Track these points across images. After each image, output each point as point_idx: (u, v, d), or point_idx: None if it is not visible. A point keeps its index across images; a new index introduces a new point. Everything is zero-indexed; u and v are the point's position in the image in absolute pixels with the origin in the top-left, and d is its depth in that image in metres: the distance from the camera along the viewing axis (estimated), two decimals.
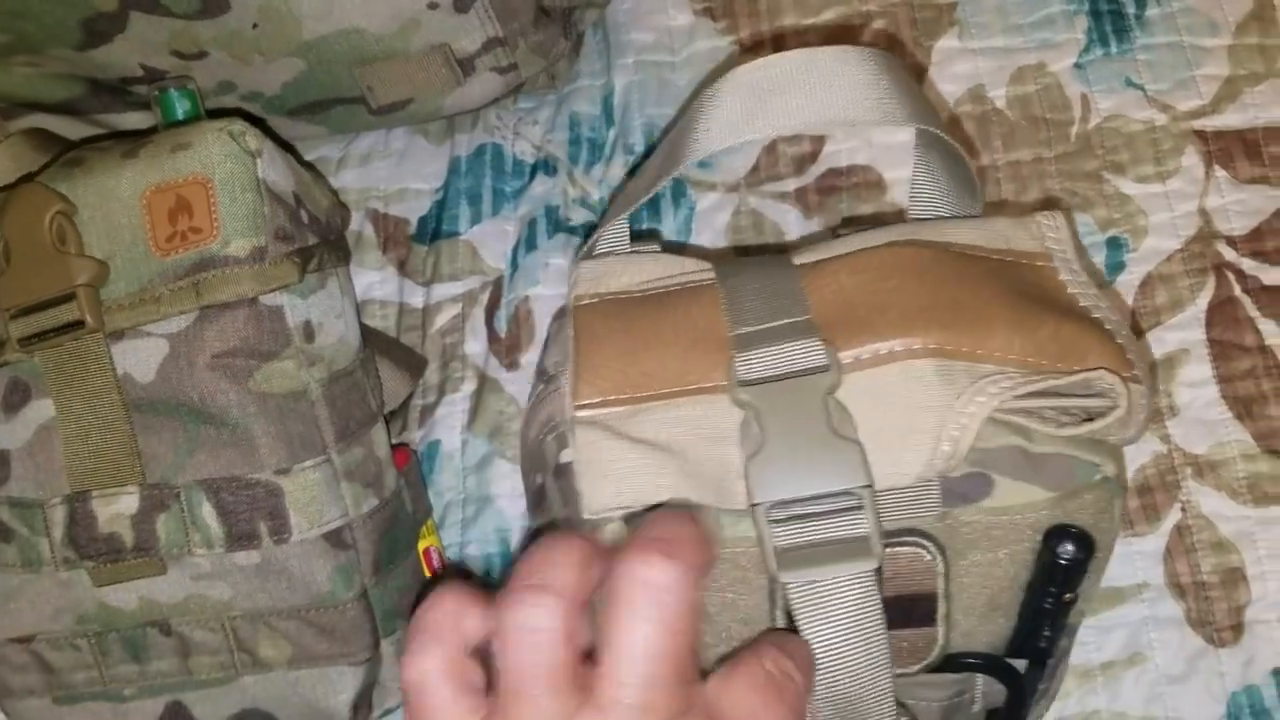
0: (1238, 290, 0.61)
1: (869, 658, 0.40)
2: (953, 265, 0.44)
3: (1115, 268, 0.62)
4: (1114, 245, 0.63)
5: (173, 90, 0.58)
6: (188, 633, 0.52)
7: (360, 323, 0.56)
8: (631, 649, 0.34)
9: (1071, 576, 0.42)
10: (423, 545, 0.57)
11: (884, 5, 0.68)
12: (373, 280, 0.67)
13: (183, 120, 0.58)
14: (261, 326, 0.50)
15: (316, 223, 0.53)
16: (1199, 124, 0.64)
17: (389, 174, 0.69)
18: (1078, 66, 0.66)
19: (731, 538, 0.41)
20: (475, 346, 0.65)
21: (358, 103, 0.63)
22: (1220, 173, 0.63)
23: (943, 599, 0.42)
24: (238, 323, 0.50)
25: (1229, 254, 0.62)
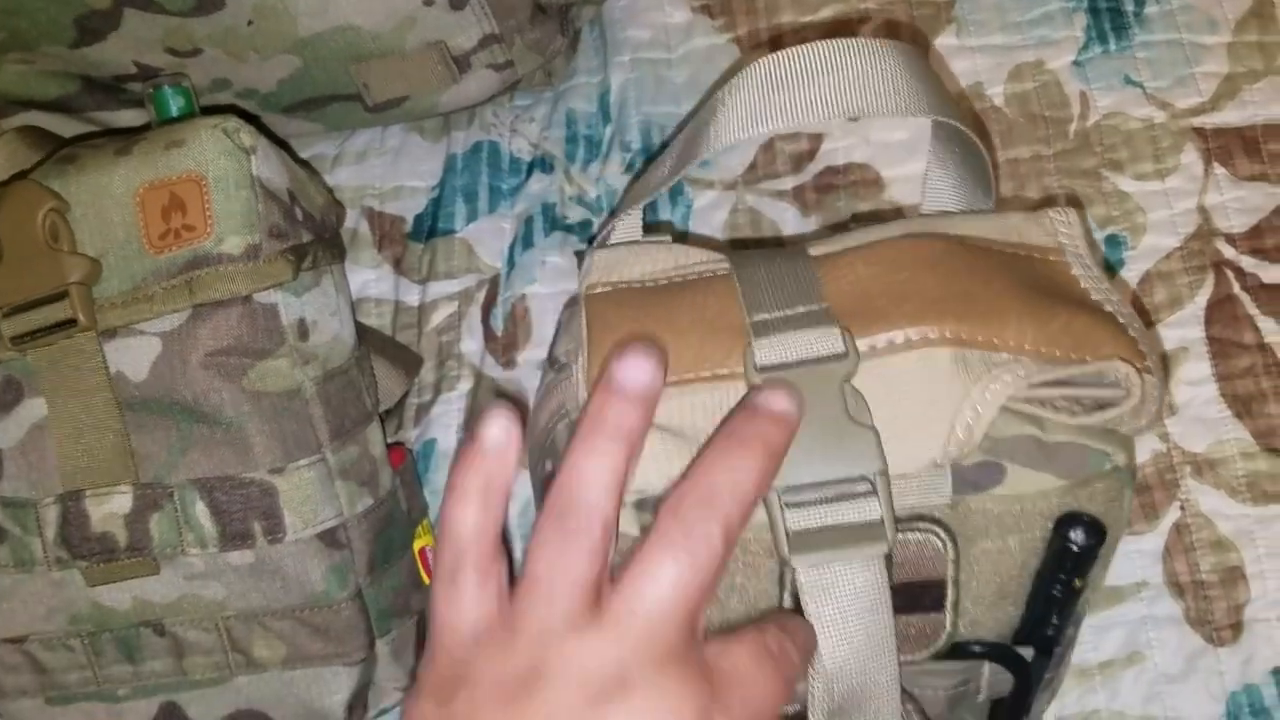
0: (1237, 288, 0.61)
1: (876, 643, 0.40)
2: (966, 257, 0.44)
3: (1114, 265, 0.62)
4: (1113, 243, 0.62)
5: (167, 87, 0.58)
6: (181, 633, 0.52)
7: (355, 321, 0.56)
8: (658, 577, 0.35)
9: (1082, 563, 0.42)
10: (418, 545, 0.57)
11: (882, 2, 0.68)
12: (368, 278, 0.66)
13: (177, 117, 0.58)
14: (255, 324, 0.50)
15: (311, 220, 0.53)
16: (1198, 121, 0.64)
17: (384, 171, 0.68)
18: (1076, 64, 0.66)
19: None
20: (471, 345, 0.64)
21: (353, 100, 0.63)
22: (1219, 170, 0.63)
23: (952, 586, 0.42)
24: (231, 321, 0.50)
25: (1228, 251, 0.61)
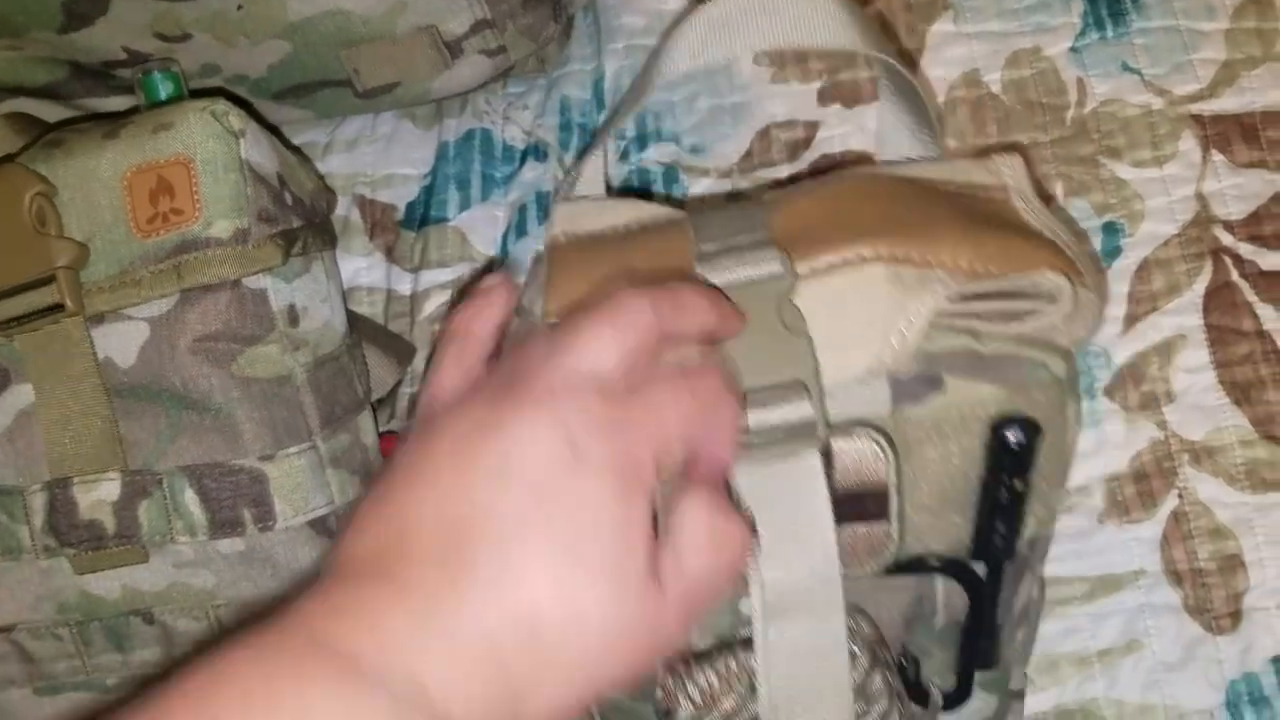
0: (1235, 275, 0.60)
1: (816, 542, 0.40)
2: (907, 190, 0.46)
3: (1112, 253, 0.62)
4: (1110, 230, 0.62)
5: (156, 72, 0.57)
6: (171, 622, 0.51)
7: (347, 309, 0.55)
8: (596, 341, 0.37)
9: (1021, 463, 0.42)
10: None
11: None
12: (359, 266, 0.66)
13: (166, 103, 0.57)
14: (244, 310, 0.50)
15: (301, 205, 0.53)
16: (1196, 108, 0.64)
17: (376, 159, 0.68)
18: (1074, 50, 0.65)
19: None
20: None
21: (344, 86, 0.62)
22: (1217, 157, 0.63)
23: (894, 492, 0.42)
24: (220, 306, 0.49)
25: (1226, 239, 0.61)
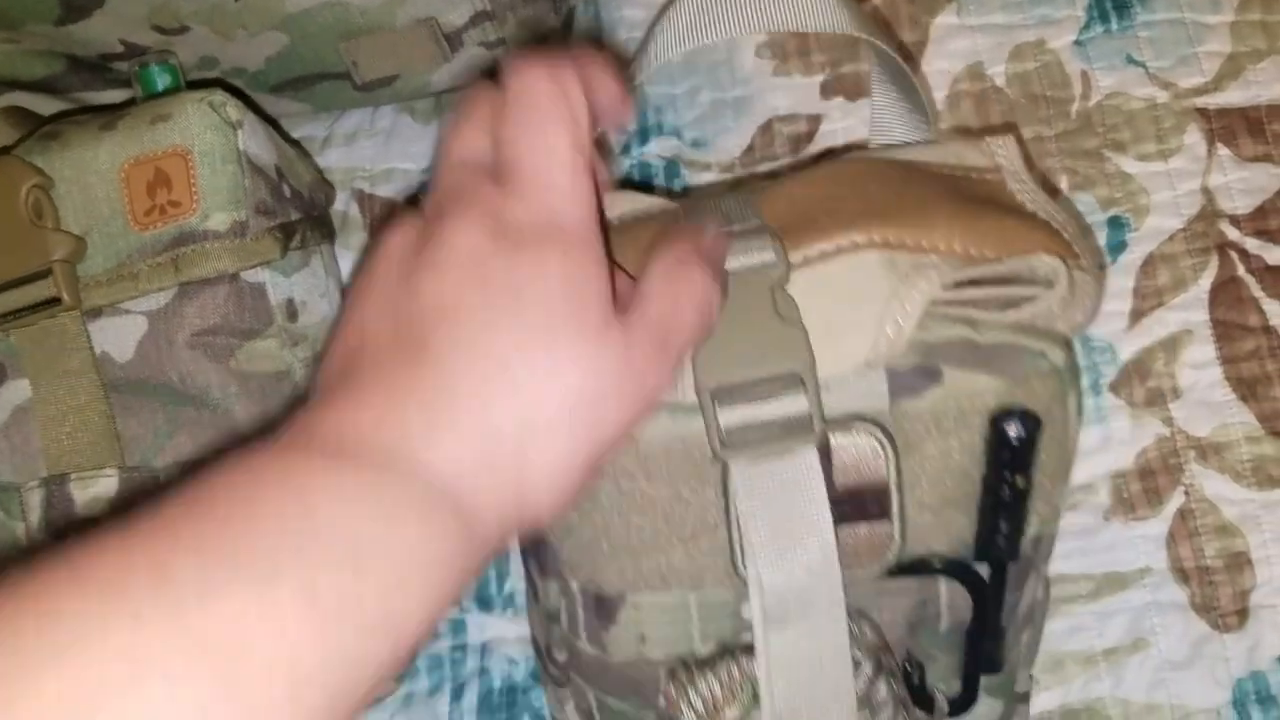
0: (1241, 270, 0.60)
1: (813, 542, 0.40)
2: (900, 174, 0.45)
3: (1117, 247, 0.61)
4: (1115, 224, 0.61)
5: (153, 65, 0.57)
6: None
7: None
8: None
9: (1022, 459, 0.42)
10: None
11: None
12: (358, 261, 0.65)
13: (163, 95, 0.57)
14: (243, 304, 0.49)
15: (299, 197, 0.52)
16: (1201, 101, 0.63)
17: (375, 153, 0.67)
18: (1078, 43, 0.65)
19: (685, 433, 0.41)
20: None
21: (343, 79, 0.62)
22: (1223, 151, 0.62)
23: (895, 490, 0.42)
24: (218, 300, 0.49)
25: (1232, 233, 0.61)
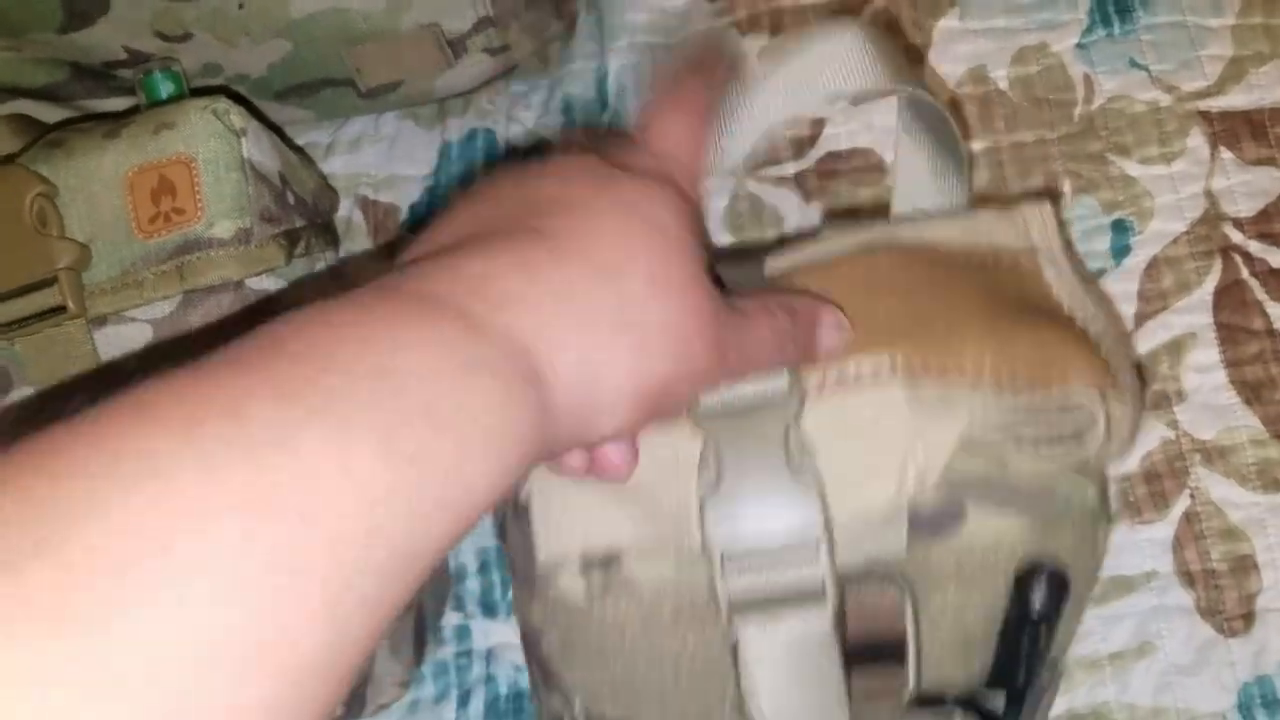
0: (1245, 273, 0.60)
1: (825, 696, 0.39)
2: (927, 272, 0.43)
3: (1120, 251, 0.61)
4: (1119, 228, 0.61)
5: (157, 72, 0.57)
6: None
7: None
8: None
9: (1046, 616, 0.41)
10: None
11: None
12: None
13: (167, 102, 0.57)
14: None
15: (303, 204, 0.52)
16: (1204, 105, 0.63)
17: (379, 160, 0.67)
18: (1080, 47, 0.65)
19: (691, 582, 0.40)
20: None
21: (346, 85, 0.62)
22: (1226, 154, 0.62)
23: (912, 640, 0.41)
24: (223, 307, 0.49)
25: (1236, 236, 0.61)
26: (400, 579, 0.28)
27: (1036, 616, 0.40)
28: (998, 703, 0.42)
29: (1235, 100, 0.63)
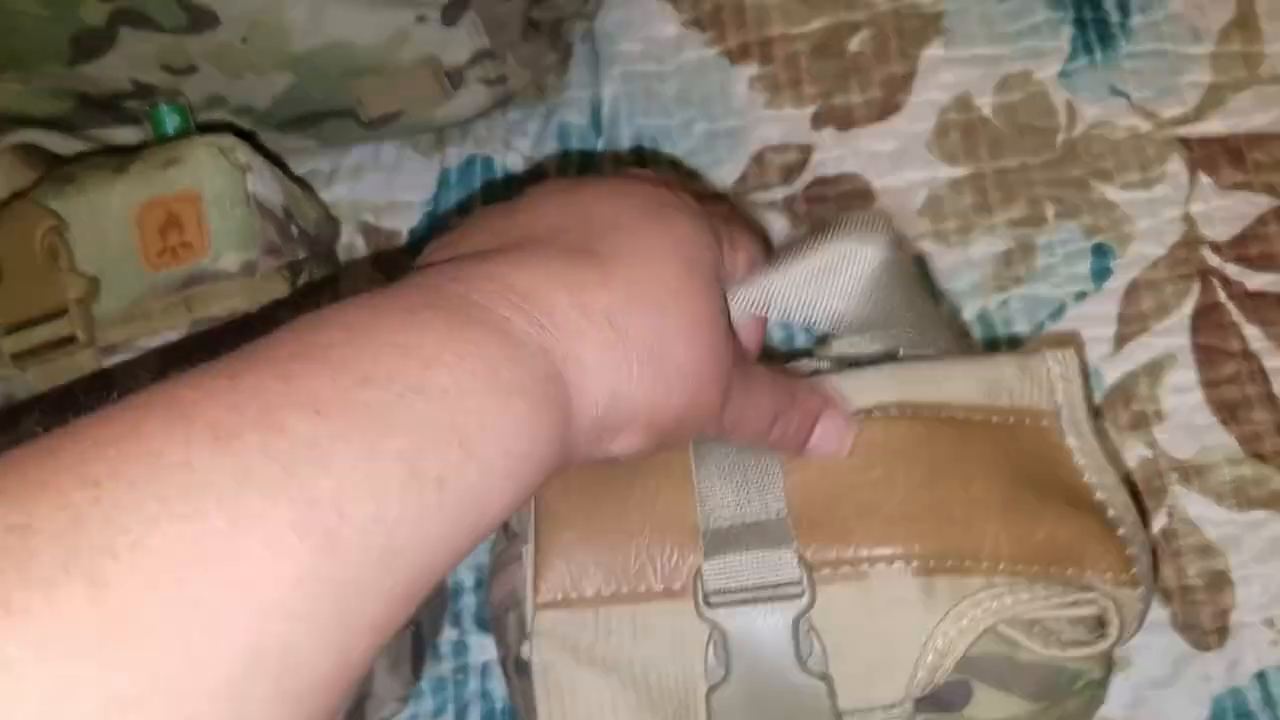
0: (1222, 296, 0.61)
1: None
2: (945, 447, 0.42)
3: (1101, 274, 0.62)
4: (1100, 252, 0.63)
5: (163, 106, 0.58)
6: None
7: None
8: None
9: None
10: None
11: (870, 14, 0.69)
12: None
13: (173, 135, 0.58)
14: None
15: (306, 236, 0.54)
16: (1183, 131, 0.65)
17: (380, 187, 0.69)
18: (1063, 75, 0.66)
19: None
20: None
21: (348, 116, 0.63)
22: (1204, 179, 0.64)
23: None
24: (229, 338, 0.50)
25: (1213, 260, 0.62)
26: (410, 599, 0.28)
27: None
28: None
29: (1214, 126, 0.65)
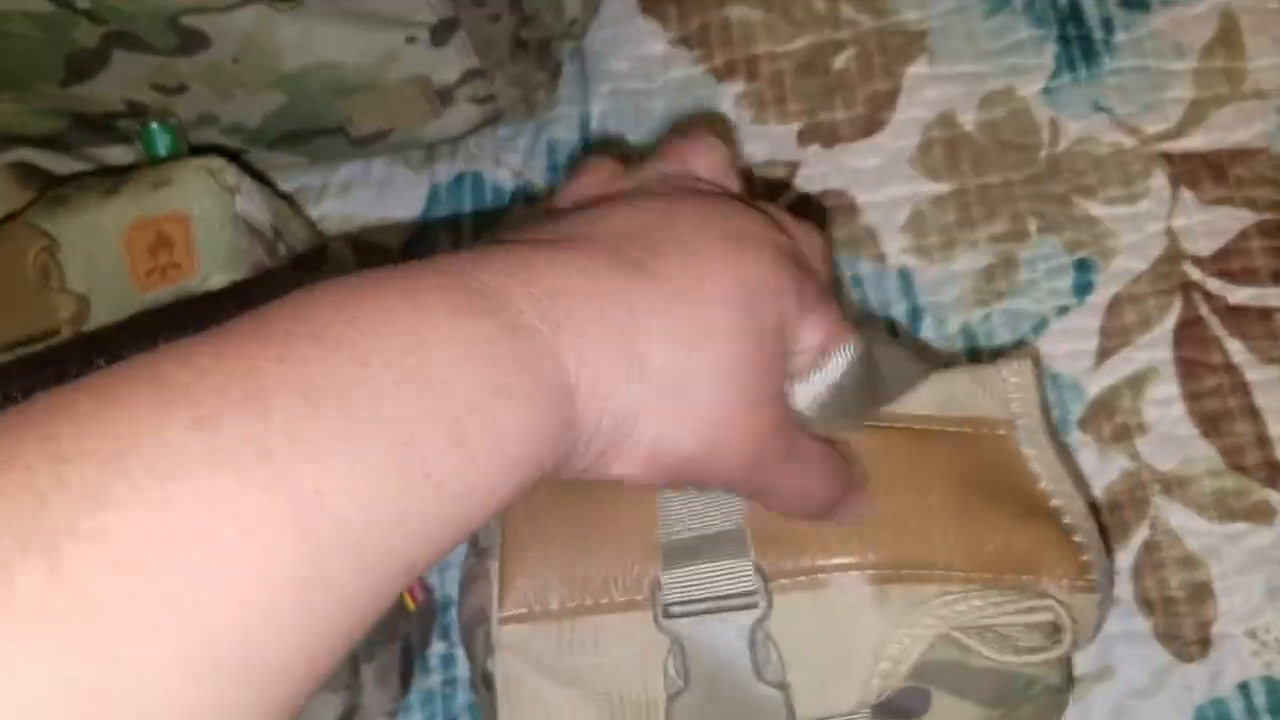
0: (1204, 309, 0.62)
1: None
2: (902, 458, 0.43)
3: (1084, 288, 0.63)
4: (1082, 267, 0.63)
5: (154, 125, 0.59)
6: None
7: None
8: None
9: None
10: None
11: (855, 32, 0.69)
12: None
13: (164, 155, 0.59)
14: None
15: (294, 254, 0.55)
16: (1166, 146, 0.65)
17: (370, 203, 0.70)
18: (1046, 91, 0.67)
19: None
20: None
21: (338, 133, 0.64)
22: (1186, 194, 0.64)
23: None
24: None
25: (1195, 274, 0.63)
26: (386, 597, 0.27)
27: None
28: None
29: (1196, 142, 0.65)
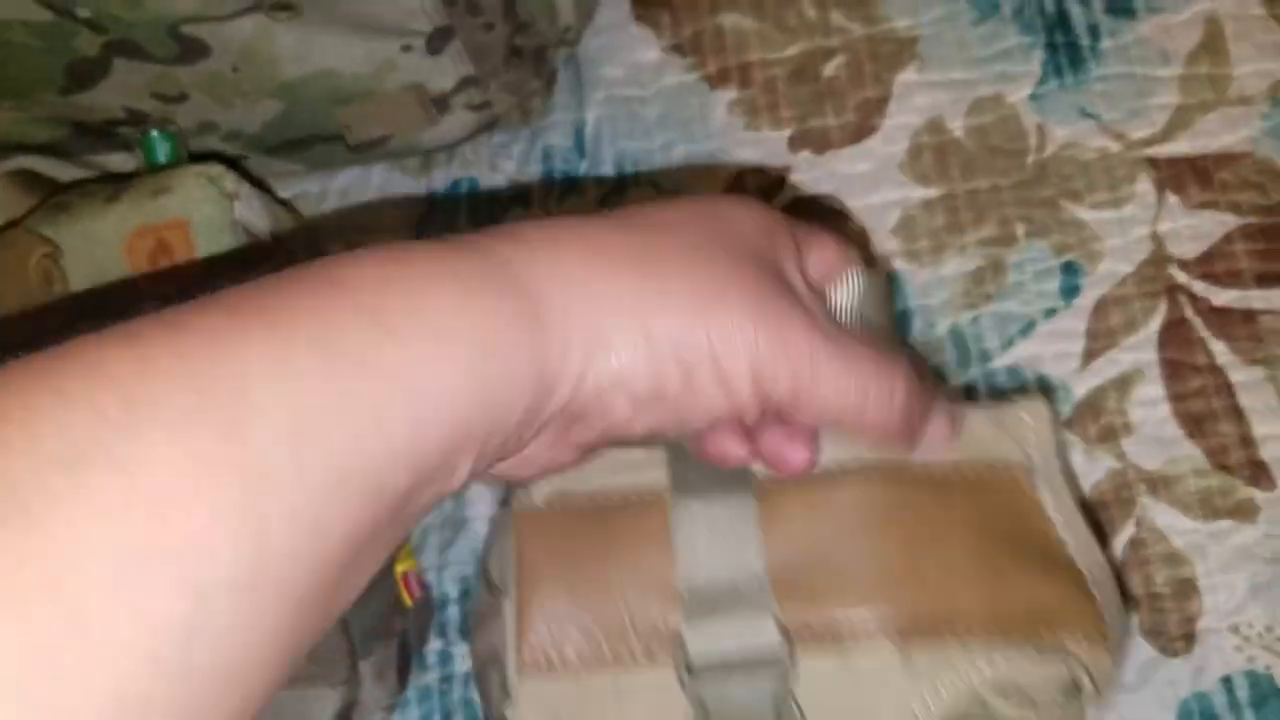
0: (1189, 312, 0.63)
1: None
2: (921, 511, 0.43)
3: (1070, 291, 0.64)
4: (1069, 270, 0.64)
5: (155, 133, 0.60)
6: None
7: None
8: None
9: None
10: (400, 569, 0.59)
11: (846, 40, 0.70)
12: None
13: (164, 162, 0.60)
14: None
15: (292, 260, 0.55)
16: (1151, 151, 0.66)
17: (368, 209, 0.70)
18: (1034, 98, 0.68)
19: None
20: None
21: (336, 140, 0.65)
22: (1172, 198, 0.65)
23: None
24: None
25: (1180, 277, 0.64)
26: (347, 492, 0.27)
27: None
28: None
29: (1181, 147, 0.66)
